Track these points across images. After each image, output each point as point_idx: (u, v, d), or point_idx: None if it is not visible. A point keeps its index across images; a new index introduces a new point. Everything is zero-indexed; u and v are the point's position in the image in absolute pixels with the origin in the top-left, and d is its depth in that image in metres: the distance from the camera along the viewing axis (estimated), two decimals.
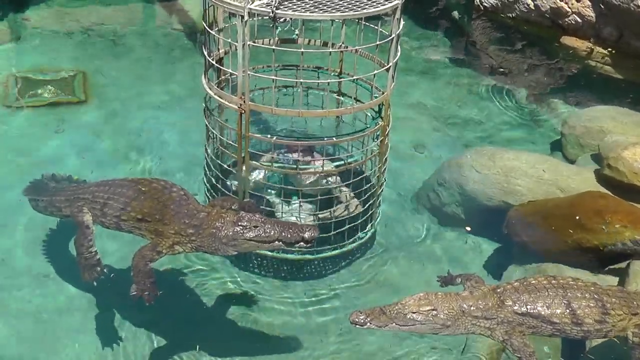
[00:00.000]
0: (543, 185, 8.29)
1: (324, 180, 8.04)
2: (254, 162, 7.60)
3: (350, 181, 7.83)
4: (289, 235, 6.29)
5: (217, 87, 7.63)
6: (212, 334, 7.24)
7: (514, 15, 13.47)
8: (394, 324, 5.80)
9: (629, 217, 7.34)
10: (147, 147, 9.75)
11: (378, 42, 7.36)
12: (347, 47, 7.86)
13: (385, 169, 8.08)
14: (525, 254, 7.83)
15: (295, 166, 7.73)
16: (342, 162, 7.95)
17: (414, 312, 5.81)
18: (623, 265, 7.16)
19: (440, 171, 8.96)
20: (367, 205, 7.99)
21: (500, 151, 8.85)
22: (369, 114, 8.10)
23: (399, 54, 7.43)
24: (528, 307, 5.96)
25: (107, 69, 11.61)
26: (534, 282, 6.13)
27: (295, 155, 7.80)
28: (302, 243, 6.33)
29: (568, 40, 12.62)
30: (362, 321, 5.79)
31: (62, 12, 13.25)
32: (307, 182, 7.96)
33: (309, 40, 8.17)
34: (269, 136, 7.63)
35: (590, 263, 7.42)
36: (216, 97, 7.49)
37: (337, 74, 8.36)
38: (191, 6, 13.48)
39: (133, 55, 12.18)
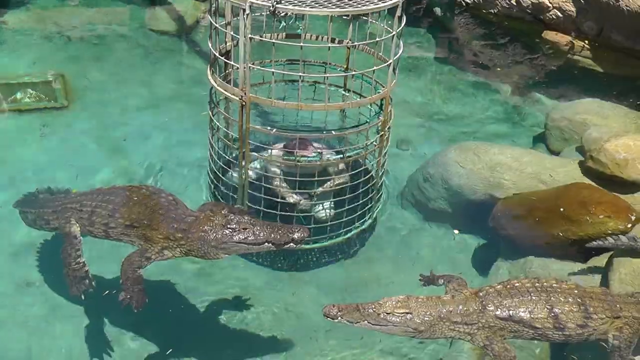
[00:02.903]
0: (527, 179, 8.40)
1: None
2: (254, 153, 7.77)
3: (348, 173, 8.05)
4: (278, 237, 6.33)
5: (224, 79, 7.79)
6: (201, 337, 7.31)
7: (495, 11, 13.56)
8: (365, 322, 5.86)
9: (612, 208, 7.48)
10: (131, 150, 9.77)
11: (377, 39, 7.59)
12: (344, 42, 8.00)
13: (385, 162, 8.25)
14: (511, 247, 7.95)
15: (293, 158, 7.85)
16: (341, 155, 8.10)
17: (387, 313, 5.86)
18: (607, 255, 7.24)
19: (425, 167, 9.04)
20: (367, 197, 8.16)
21: (485, 146, 8.94)
22: (373, 109, 8.27)
23: (400, 50, 7.60)
24: (510, 312, 5.99)
25: (89, 72, 11.58)
26: (517, 284, 6.15)
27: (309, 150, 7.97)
28: (291, 244, 6.38)
29: (550, 35, 12.74)
30: (334, 315, 5.85)
31: (41, 15, 13.15)
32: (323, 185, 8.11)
33: (317, 36, 8.35)
34: (268, 128, 7.76)
35: (575, 254, 7.53)
36: (219, 88, 7.65)
37: (343, 69, 8.51)
38: (173, 8, 13.48)
39: (115, 58, 12.15)
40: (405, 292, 6.38)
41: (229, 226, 6.40)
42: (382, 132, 7.92)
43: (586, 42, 12.33)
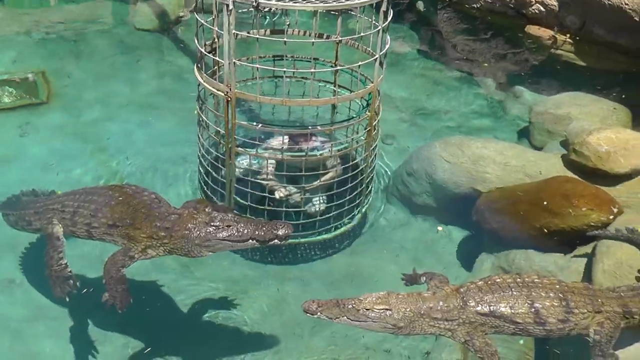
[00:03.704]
0: (511, 172, 8.42)
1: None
2: (240, 148, 7.80)
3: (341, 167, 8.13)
4: (262, 233, 6.33)
5: (212, 76, 7.81)
6: (186, 335, 7.32)
7: (478, 5, 13.55)
8: (345, 317, 5.88)
9: (595, 200, 7.52)
10: (114, 148, 9.76)
11: (363, 34, 7.64)
12: (330, 38, 8.04)
13: (374, 157, 8.28)
14: (495, 240, 7.98)
15: (280, 153, 7.90)
16: (327, 150, 8.10)
17: (367, 309, 5.87)
18: (590, 247, 7.28)
19: (409, 161, 9.06)
20: (355, 192, 8.18)
21: (469, 140, 8.96)
22: (363, 105, 8.26)
23: (387, 45, 7.63)
24: (491, 307, 6.01)
25: (70, 70, 11.56)
26: (498, 280, 6.17)
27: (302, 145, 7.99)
28: (276, 240, 6.38)
29: (532, 30, 12.75)
30: (313, 310, 5.86)
31: (20, 12, 13.11)
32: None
33: (304, 32, 8.38)
34: (254, 123, 7.78)
35: (559, 246, 7.57)
36: (205, 84, 7.67)
37: (332, 65, 8.52)
38: (155, 5, 13.41)
39: (96, 55, 12.11)
40: (390, 286, 6.47)
41: (212, 224, 6.39)
42: (369, 128, 7.94)
43: (568, 36, 12.33)
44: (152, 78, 11.51)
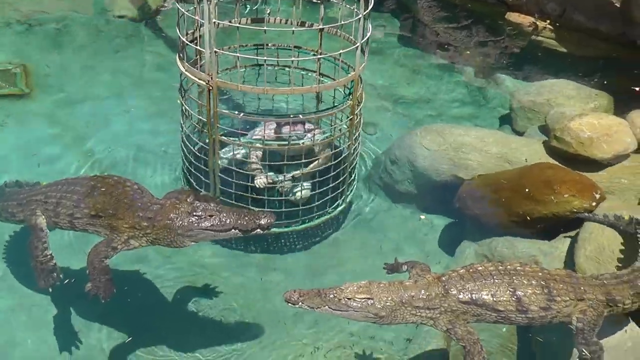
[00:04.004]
0: (492, 159, 8.45)
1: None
2: (223, 137, 7.78)
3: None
4: (245, 223, 6.35)
5: (194, 65, 7.80)
6: (169, 325, 7.31)
7: None
8: (326, 307, 5.88)
9: (576, 187, 7.54)
10: (95, 138, 9.69)
11: (344, 22, 7.66)
12: (310, 26, 8.04)
13: (357, 146, 8.29)
14: (477, 228, 8.01)
15: (261, 141, 7.93)
16: (310, 138, 8.10)
17: (348, 298, 5.87)
18: (573, 233, 7.34)
19: (391, 149, 9.08)
20: (338, 181, 8.17)
21: (450, 127, 8.99)
22: (344, 92, 8.26)
23: (369, 33, 7.62)
24: (473, 295, 6.00)
25: (51, 59, 11.47)
26: (480, 268, 6.16)
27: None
28: (258, 230, 6.40)
29: (513, 17, 12.70)
30: (295, 300, 5.87)
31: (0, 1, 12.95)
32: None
33: (285, 20, 8.38)
34: (236, 112, 7.77)
35: (541, 233, 7.61)
36: (187, 73, 7.67)
37: (314, 53, 8.51)
38: None
39: (77, 45, 12.02)
40: (373, 275, 6.50)
41: (194, 213, 6.42)
42: (352, 116, 7.92)
43: (549, 23, 12.29)
44: (133, 68, 11.43)
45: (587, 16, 11.74)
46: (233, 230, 6.39)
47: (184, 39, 7.72)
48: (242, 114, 7.66)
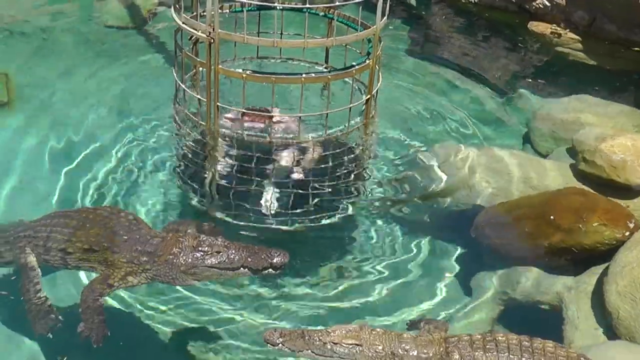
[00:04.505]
0: (513, 183, 8.28)
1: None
2: (223, 105, 7.60)
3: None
4: (255, 262, 6.12)
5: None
6: None
7: (476, 0, 13.52)
8: (309, 351, 5.69)
9: (608, 215, 7.31)
10: (79, 150, 9.54)
11: None
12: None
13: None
14: (496, 258, 7.79)
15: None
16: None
17: (335, 343, 5.67)
18: (603, 266, 7.10)
19: (401, 170, 8.98)
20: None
21: (466, 147, 8.89)
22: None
23: None
24: None
25: (34, 68, 11.38)
26: (500, 338, 5.75)
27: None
28: (270, 270, 6.15)
29: (536, 26, 12.69)
30: (275, 342, 5.70)
31: None
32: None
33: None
34: (241, 70, 7.55)
35: (567, 266, 7.39)
36: (184, 26, 7.47)
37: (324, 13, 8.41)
38: (122, 1, 13.33)
39: (62, 53, 11.96)
40: (374, 306, 6.54)
41: (200, 249, 6.23)
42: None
43: (576, 33, 12.31)
44: (121, 78, 11.33)
45: (618, 25, 11.75)
46: (242, 269, 6.16)
47: None
48: (247, 72, 7.43)
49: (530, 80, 11.78)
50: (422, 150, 9.55)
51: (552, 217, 7.43)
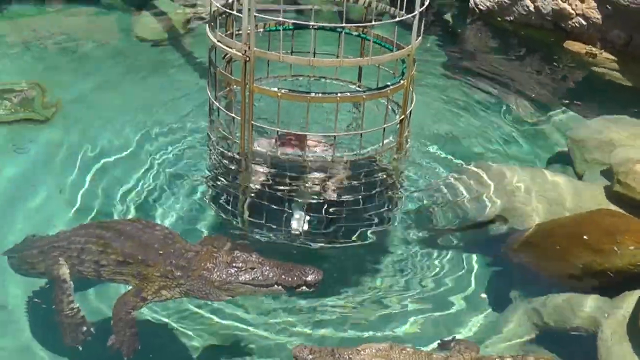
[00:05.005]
0: (547, 204, 8.22)
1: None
2: (258, 124, 7.57)
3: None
4: (290, 279, 6.12)
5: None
6: None
7: (512, 18, 13.51)
8: None
9: None
10: (111, 163, 9.63)
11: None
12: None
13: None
14: (528, 279, 7.76)
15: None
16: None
17: None
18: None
19: (434, 190, 8.91)
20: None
21: (500, 167, 8.82)
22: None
23: (427, 2, 7.48)
24: None
25: (69, 84, 11.49)
26: None
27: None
28: (304, 287, 6.17)
29: (572, 45, 12.66)
30: (305, 358, 5.65)
31: (18, 22, 13.15)
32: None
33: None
34: (276, 89, 7.51)
35: (601, 288, 7.28)
36: (219, 44, 7.47)
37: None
38: (161, 15, 13.44)
39: (97, 69, 12.05)
40: (406, 325, 6.49)
41: (234, 264, 6.24)
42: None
43: (612, 53, 12.24)
44: (156, 93, 11.38)
45: None
46: (276, 286, 6.17)
47: (216, 4, 7.53)
48: (281, 91, 7.41)
49: (565, 100, 11.68)
50: (454, 168, 9.53)
51: (585, 239, 7.36)
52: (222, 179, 8.17)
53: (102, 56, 12.38)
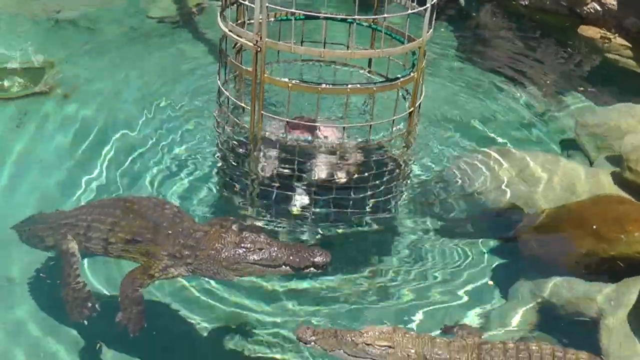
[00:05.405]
0: (556, 189, 8.25)
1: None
2: (267, 114, 7.60)
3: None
4: (297, 260, 6.13)
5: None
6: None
7: (527, 2, 13.45)
8: (342, 350, 5.73)
9: None
10: (119, 140, 9.67)
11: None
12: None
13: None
14: (535, 264, 7.75)
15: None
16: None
17: (367, 344, 5.72)
18: None
19: (443, 172, 8.96)
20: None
21: (510, 152, 8.87)
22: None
23: None
24: None
25: (80, 59, 11.53)
26: (533, 348, 5.80)
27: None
28: (312, 268, 6.17)
29: (586, 31, 12.63)
30: (307, 339, 5.75)
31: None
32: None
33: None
34: (287, 80, 7.53)
35: (606, 275, 7.31)
36: (230, 34, 7.48)
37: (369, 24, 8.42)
38: None
39: (108, 45, 12.09)
40: (411, 309, 6.59)
41: (242, 245, 6.25)
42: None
43: (626, 39, 12.19)
44: (167, 70, 11.41)
45: None
46: (284, 266, 6.17)
47: None
48: (292, 81, 7.43)
49: (578, 85, 11.67)
50: (465, 153, 9.55)
51: (593, 226, 7.39)
52: (231, 163, 8.20)
53: (115, 33, 12.41)
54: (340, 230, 8.12)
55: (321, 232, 7.99)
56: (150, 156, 9.40)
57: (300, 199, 8.00)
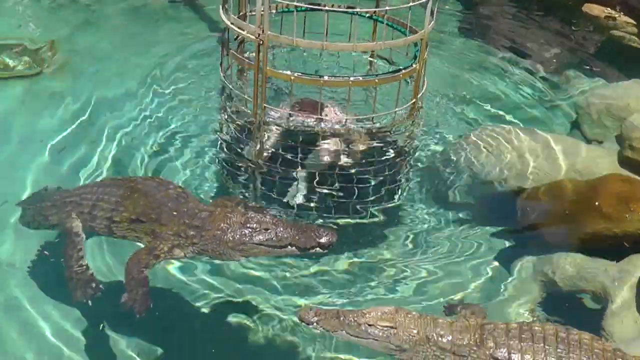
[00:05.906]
0: (560, 169, 8.23)
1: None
2: (269, 107, 7.67)
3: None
4: (303, 240, 6.17)
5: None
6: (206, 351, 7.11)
7: None
8: (344, 331, 5.75)
9: None
10: (121, 121, 9.70)
11: None
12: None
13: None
14: (538, 241, 7.81)
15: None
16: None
17: (369, 325, 5.71)
18: None
19: (447, 152, 8.95)
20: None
21: (514, 130, 8.82)
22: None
23: None
24: (511, 355, 5.59)
25: (80, 39, 11.51)
26: (536, 329, 5.73)
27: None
28: (318, 249, 6.22)
29: (591, 8, 12.49)
30: (310, 320, 5.77)
31: None
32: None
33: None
34: (289, 72, 7.59)
35: (610, 252, 7.35)
36: (232, 26, 7.53)
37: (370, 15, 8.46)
38: None
39: (109, 24, 12.08)
40: (413, 289, 6.57)
41: (248, 225, 6.28)
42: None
43: (632, 17, 12.04)
44: (168, 51, 11.38)
45: None
46: (290, 247, 6.22)
47: None
48: (295, 74, 7.47)
49: (582, 63, 11.64)
50: (468, 132, 9.49)
51: (596, 204, 7.39)
52: (234, 149, 8.24)
53: (115, 12, 12.37)
54: (343, 219, 8.15)
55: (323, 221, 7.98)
56: (150, 137, 9.43)
57: (302, 189, 8.08)
